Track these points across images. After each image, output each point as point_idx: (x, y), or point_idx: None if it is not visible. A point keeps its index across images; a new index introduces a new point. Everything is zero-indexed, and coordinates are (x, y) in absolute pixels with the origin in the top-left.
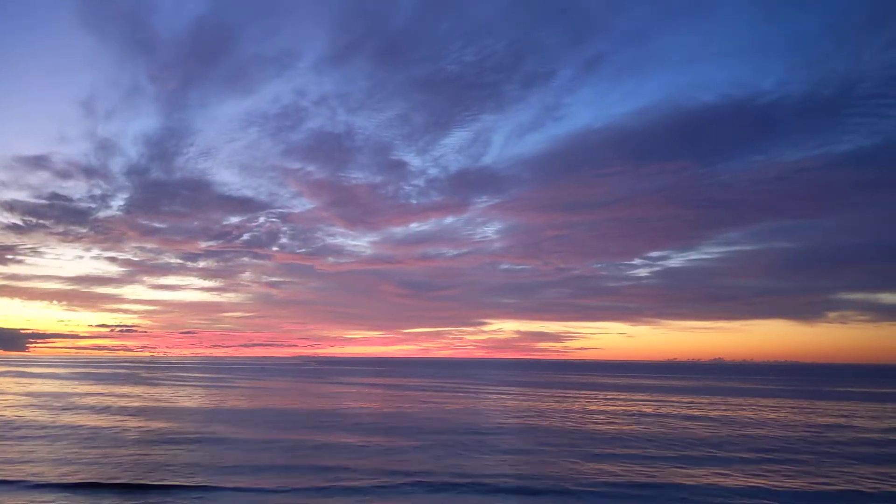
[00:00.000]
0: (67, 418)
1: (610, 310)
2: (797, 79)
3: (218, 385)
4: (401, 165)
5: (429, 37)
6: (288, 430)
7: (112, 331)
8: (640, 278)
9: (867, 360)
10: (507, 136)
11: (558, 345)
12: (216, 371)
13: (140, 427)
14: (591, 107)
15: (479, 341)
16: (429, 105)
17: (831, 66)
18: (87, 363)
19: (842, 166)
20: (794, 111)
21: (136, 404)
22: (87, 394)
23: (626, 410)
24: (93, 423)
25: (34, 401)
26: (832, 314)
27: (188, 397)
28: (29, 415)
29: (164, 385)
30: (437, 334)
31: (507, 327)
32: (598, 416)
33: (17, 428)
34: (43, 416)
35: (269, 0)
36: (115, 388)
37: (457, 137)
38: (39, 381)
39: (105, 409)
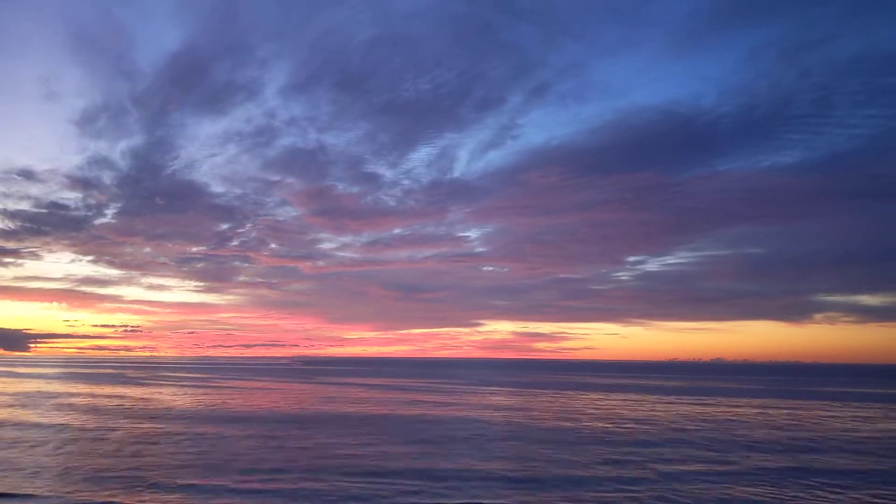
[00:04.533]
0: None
1: (599, 311)
2: (730, 102)
3: (187, 385)
4: (375, 177)
5: (384, 69)
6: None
7: (116, 331)
8: (623, 282)
9: (857, 361)
10: (472, 152)
11: (554, 345)
12: (204, 371)
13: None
14: (545, 127)
15: (475, 342)
16: (392, 125)
17: (756, 91)
18: (82, 363)
19: (791, 177)
20: (733, 129)
21: (86, 402)
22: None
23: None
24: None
25: None
26: (818, 315)
27: (145, 397)
28: None
29: (141, 385)
30: (434, 335)
31: (501, 328)
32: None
33: None
34: None
35: (234, 38)
36: (85, 388)
37: (423, 153)
38: (22, 380)
39: (53, 408)
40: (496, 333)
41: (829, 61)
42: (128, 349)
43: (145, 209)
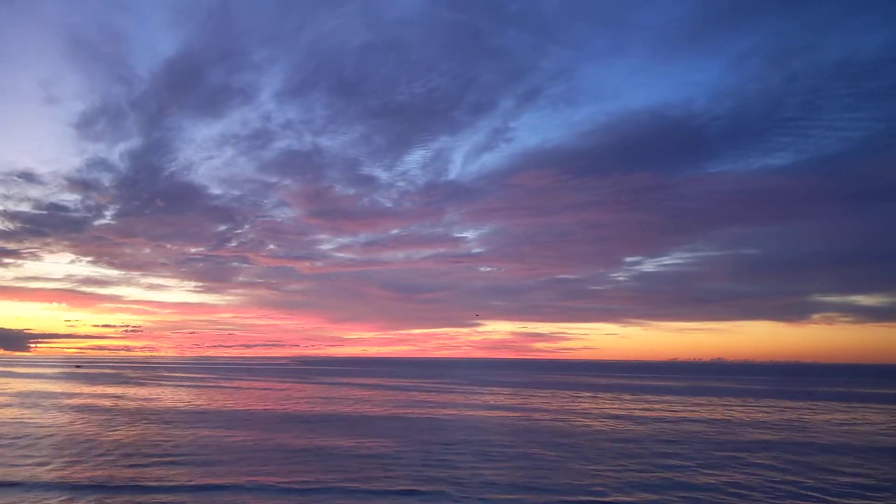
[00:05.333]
0: None
1: (597, 311)
2: (720, 105)
3: (187, 385)
4: (371, 179)
5: (377, 74)
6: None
7: (116, 331)
8: (621, 282)
9: (855, 360)
10: (466, 154)
11: (553, 345)
12: (203, 371)
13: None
14: (537, 130)
15: (475, 342)
16: (387, 128)
17: (745, 95)
18: (82, 363)
19: (782, 178)
20: (724, 131)
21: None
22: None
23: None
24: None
25: None
26: (816, 315)
27: (144, 397)
28: None
29: (140, 385)
30: (433, 335)
31: (500, 328)
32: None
33: None
34: None
35: (230, 44)
36: (86, 389)
37: (418, 156)
38: (14, 380)
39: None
40: (495, 333)
41: (815, 66)
42: (128, 349)
43: (144, 210)
